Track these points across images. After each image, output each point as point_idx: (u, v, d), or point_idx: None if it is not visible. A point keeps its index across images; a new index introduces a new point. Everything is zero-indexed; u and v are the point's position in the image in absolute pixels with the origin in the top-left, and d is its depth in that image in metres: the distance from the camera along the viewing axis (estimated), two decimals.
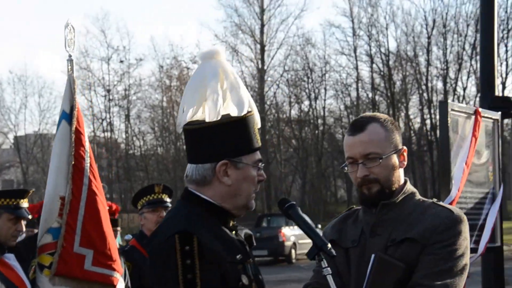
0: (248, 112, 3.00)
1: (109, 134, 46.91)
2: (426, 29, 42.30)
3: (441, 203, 3.34)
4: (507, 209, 32.16)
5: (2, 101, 50.14)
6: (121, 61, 45.87)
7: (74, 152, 4.34)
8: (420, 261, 3.13)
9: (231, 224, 2.99)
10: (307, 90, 44.73)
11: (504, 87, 40.29)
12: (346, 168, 3.31)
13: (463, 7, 42.92)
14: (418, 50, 42.93)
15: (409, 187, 3.35)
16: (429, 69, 42.41)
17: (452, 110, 5.78)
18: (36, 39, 69.07)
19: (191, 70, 45.15)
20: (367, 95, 44.50)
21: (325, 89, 44.66)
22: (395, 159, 3.27)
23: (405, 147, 3.37)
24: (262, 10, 43.51)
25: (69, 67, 4.39)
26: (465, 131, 5.95)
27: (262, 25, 43.63)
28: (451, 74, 42.18)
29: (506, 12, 39.14)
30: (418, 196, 3.35)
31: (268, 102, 44.53)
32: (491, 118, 6.36)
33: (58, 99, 47.32)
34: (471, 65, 40.83)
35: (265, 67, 43.91)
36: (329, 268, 2.82)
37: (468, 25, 40.86)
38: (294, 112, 45.80)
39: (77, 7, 67.02)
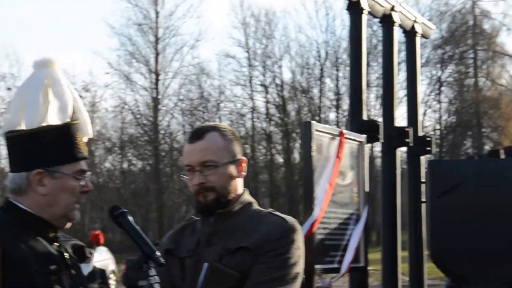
0: (72, 120, 2.93)
1: None
2: (319, 61, 43.12)
3: (277, 213, 3.35)
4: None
5: None
6: (9, 89, 44.79)
7: None
8: (253, 270, 3.14)
9: (51, 235, 2.91)
10: (202, 119, 44.76)
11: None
12: (184, 176, 3.29)
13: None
14: (311, 81, 43.67)
15: (247, 197, 3.37)
16: (322, 100, 43.15)
17: (317, 131, 5.88)
18: None
19: (83, 98, 44.54)
20: (261, 125, 44.89)
21: (220, 118, 44.80)
22: (232, 168, 3.29)
23: (244, 158, 3.39)
24: (157, 39, 43.41)
25: None
26: (330, 152, 6.05)
27: (157, 54, 43.51)
28: (344, 106, 43.05)
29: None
30: (256, 206, 3.36)
31: (162, 131, 44.32)
32: (355, 140, 6.50)
33: None
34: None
35: (160, 96, 43.74)
36: (157, 277, 2.78)
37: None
38: None
39: None
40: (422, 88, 40.74)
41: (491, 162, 8.72)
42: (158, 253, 2.82)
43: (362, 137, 6.58)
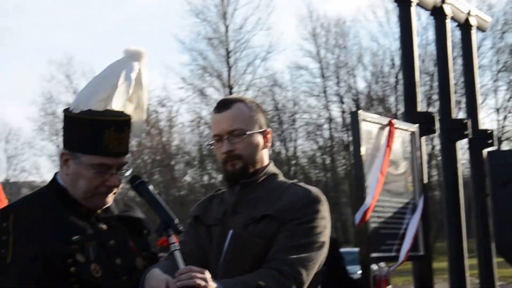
0: (118, 116, 3.04)
1: None
2: (394, 68, 42.78)
3: (301, 184, 3.41)
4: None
5: None
6: None
7: None
8: (277, 237, 3.19)
9: (85, 211, 3.06)
10: (278, 131, 44.90)
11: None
12: (212, 146, 3.35)
13: (428, 47, 43.19)
14: (387, 90, 43.36)
15: (272, 168, 3.41)
16: (398, 107, 42.79)
17: (364, 120, 5.94)
18: (2, 87, 69.01)
19: (159, 113, 45.23)
20: (339, 135, 44.73)
21: (296, 130, 44.89)
22: (259, 138, 3.34)
23: (270, 130, 3.46)
24: (228, 53, 43.77)
25: None
26: (380, 142, 6.10)
27: (229, 68, 43.87)
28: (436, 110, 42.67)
29: None
30: (281, 178, 3.42)
31: None
32: (407, 130, 6.54)
33: (25, 146, 46.96)
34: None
35: None
36: (176, 244, 2.85)
37: (434, 64, 41.34)
38: None
39: (40, 53, 67.08)
40: (501, 93, 40.09)
41: None
42: (177, 221, 2.89)
43: (414, 127, 6.61)
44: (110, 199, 3.09)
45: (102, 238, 3.06)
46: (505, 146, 38.65)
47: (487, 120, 38.84)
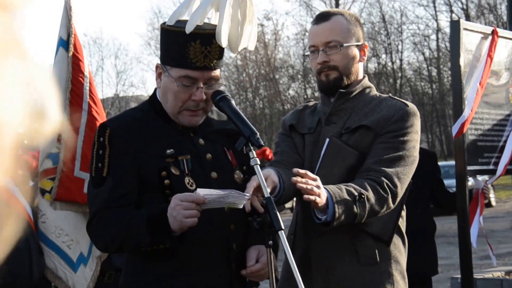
0: (205, 29, 3.02)
1: None
2: None
3: (396, 97, 3.43)
4: None
5: None
6: None
7: (72, 78, 4.42)
8: (372, 148, 3.22)
9: (180, 127, 3.09)
10: (384, 43, 44.21)
11: None
12: (308, 56, 3.40)
13: None
14: None
15: (367, 81, 3.44)
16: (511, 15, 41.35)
17: (465, 29, 5.74)
18: (110, 2, 69.92)
19: (265, 27, 45.15)
20: (446, 46, 43.73)
21: (402, 41, 44.08)
22: (355, 51, 3.37)
23: (366, 44, 3.47)
24: None
25: None
26: (481, 52, 5.90)
27: None
28: None
29: None
30: (375, 91, 3.45)
31: None
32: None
33: (134, 61, 47.82)
34: None
35: None
36: (257, 159, 2.83)
37: None
38: (371, 66, 45.43)
39: None
40: None
41: None
42: (257, 135, 2.87)
43: None
44: (199, 117, 3.09)
45: (198, 152, 3.08)
46: None
47: None
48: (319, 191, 2.90)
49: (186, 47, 2.98)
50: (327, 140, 3.27)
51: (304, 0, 43.59)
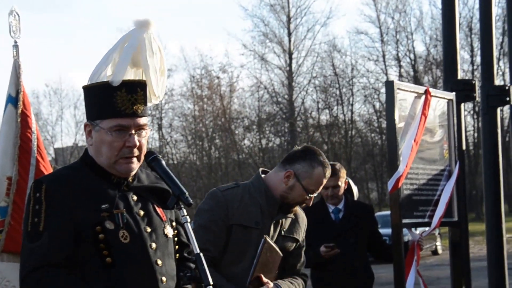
0: (129, 79, 3.18)
1: None
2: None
3: None
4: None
5: (39, 113, 50.78)
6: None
7: (20, 134, 4.45)
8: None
9: (114, 180, 3.19)
10: (335, 95, 44.87)
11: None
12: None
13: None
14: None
15: None
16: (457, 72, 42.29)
17: (399, 89, 6.01)
18: (71, 55, 70.03)
19: (221, 79, 45.61)
20: None
21: (352, 93, 44.78)
22: None
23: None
24: (289, 19, 43.79)
25: (15, 52, 4.65)
26: (415, 110, 6.16)
27: (289, 34, 43.91)
28: (479, 76, 42.03)
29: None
30: None
31: (297, 109, 44.77)
32: (444, 98, 6.59)
33: None
34: (499, 66, 40.55)
35: (293, 75, 44.18)
36: (187, 217, 3.02)
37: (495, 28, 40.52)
38: (323, 118, 45.98)
39: (108, 21, 67.94)
40: None
41: None
42: (186, 194, 3.04)
43: (452, 95, 6.65)
44: (135, 164, 3.18)
45: (131, 207, 3.18)
46: None
47: None
48: None
49: (113, 97, 3.11)
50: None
51: (259, 54, 44.21)
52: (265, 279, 3.96)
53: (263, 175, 4.29)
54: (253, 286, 3.92)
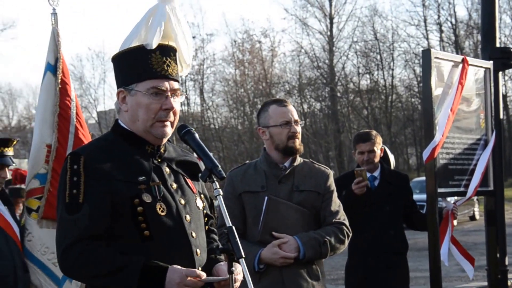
0: (162, 43, 3.19)
1: (185, 107, 47.27)
2: None
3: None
4: None
5: (82, 77, 50.89)
6: (193, 37, 46.42)
7: (60, 102, 4.59)
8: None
9: (149, 150, 3.21)
10: (376, 60, 44.55)
11: None
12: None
13: None
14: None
15: None
16: (500, 36, 41.65)
17: (436, 58, 5.98)
18: (113, 17, 70.24)
19: (262, 43, 45.57)
20: None
21: (393, 58, 44.42)
22: None
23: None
24: None
25: (53, 20, 4.66)
26: (452, 79, 6.13)
27: None
28: None
29: None
30: None
31: (338, 73, 44.58)
32: (481, 66, 6.54)
33: None
34: None
35: (334, 39, 43.95)
36: (220, 190, 3.03)
37: None
38: (363, 82, 45.72)
39: None
40: None
41: None
42: (219, 167, 3.07)
43: (489, 63, 6.59)
44: (169, 129, 3.19)
45: (165, 179, 3.20)
46: None
47: None
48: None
49: (148, 59, 3.13)
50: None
51: (300, 19, 44.02)
52: (278, 234, 4.51)
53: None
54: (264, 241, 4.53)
